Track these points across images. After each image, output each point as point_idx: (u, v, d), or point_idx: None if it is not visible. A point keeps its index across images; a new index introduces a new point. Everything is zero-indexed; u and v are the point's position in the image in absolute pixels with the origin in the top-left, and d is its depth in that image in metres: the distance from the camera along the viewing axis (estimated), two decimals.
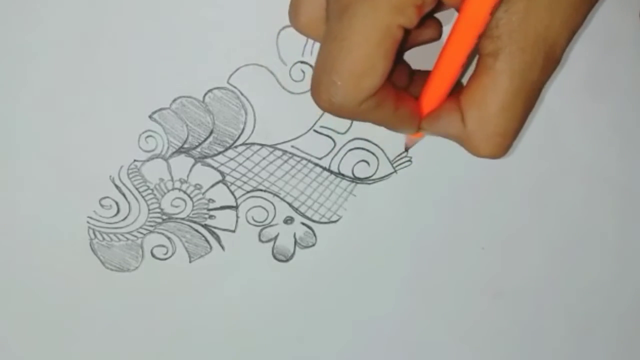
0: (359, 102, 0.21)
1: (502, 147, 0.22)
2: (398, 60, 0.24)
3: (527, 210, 0.33)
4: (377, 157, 0.31)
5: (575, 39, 0.30)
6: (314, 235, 0.32)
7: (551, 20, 0.20)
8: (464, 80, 0.23)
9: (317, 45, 0.29)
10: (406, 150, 0.31)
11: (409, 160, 0.32)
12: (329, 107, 0.21)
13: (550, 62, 0.21)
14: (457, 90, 0.23)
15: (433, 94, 0.23)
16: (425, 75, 0.24)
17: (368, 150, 0.31)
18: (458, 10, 0.21)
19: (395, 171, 0.32)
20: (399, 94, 0.23)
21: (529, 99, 0.22)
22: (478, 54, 0.22)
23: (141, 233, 0.31)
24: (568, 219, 0.33)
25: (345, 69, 0.20)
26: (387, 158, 0.31)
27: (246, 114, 0.30)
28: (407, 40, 0.24)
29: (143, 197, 0.30)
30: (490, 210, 0.32)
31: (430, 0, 0.19)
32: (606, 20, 0.31)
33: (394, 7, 0.19)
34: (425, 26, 0.24)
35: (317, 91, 0.21)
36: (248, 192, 0.31)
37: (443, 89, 0.23)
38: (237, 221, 0.31)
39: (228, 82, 0.30)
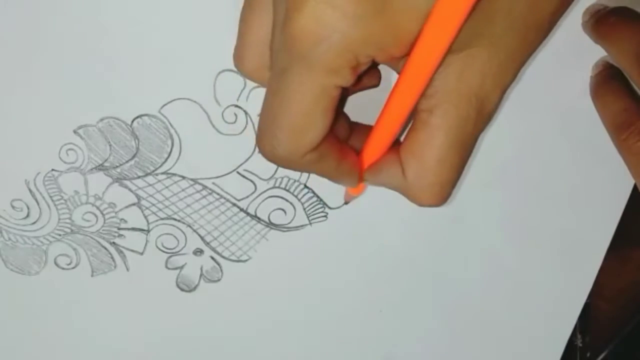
0: (300, 155, 0.22)
1: (441, 196, 0.24)
2: (339, 112, 0.24)
3: (429, 276, 0.34)
4: (294, 208, 0.32)
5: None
6: (221, 270, 0.33)
7: (483, 80, 0.21)
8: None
9: (253, 93, 0.30)
10: (346, 203, 0.32)
11: (325, 216, 0.32)
12: (272, 157, 0.22)
13: (482, 116, 0.22)
14: (396, 143, 0.24)
15: (374, 148, 0.24)
16: (366, 129, 0.25)
17: (286, 200, 0.32)
18: (397, 70, 0.22)
19: (310, 224, 0.32)
20: (341, 148, 0.24)
21: (464, 150, 0.23)
22: (415, 110, 0.23)
23: (47, 240, 0.31)
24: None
25: (285, 124, 0.21)
26: (304, 210, 0.32)
27: (172, 145, 0.30)
28: (346, 93, 0.25)
29: (55, 205, 0.31)
30: (394, 275, 0.34)
31: (365, 61, 0.20)
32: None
33: (329, 70, 0.20)
34: (365, 75, 0.24)
35: (262, 142, 0.22)
36: (162, 218, 0.31)
37: (384, 143, 0.24)
38: (146, 245, 0.32)
39: (159, 112, 0.30)
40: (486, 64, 0.21)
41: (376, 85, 0.26)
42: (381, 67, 0.25)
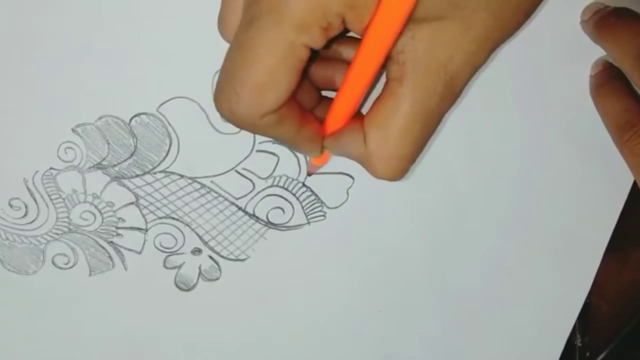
0: (259, 115, 0.21)
1: (398, 170, 0.23)
2: (304, 79, 0.24)
3: (429, 276, 0.34)
4: (293, 207, 0.32)
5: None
6: (219, 269, 0.32)
7: (453, 54, 0.21)
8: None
9: None
10: (309, 175, 0.31)
11: (323, 216, 0.32)
12: (229, 116, 0.21)
13: (449, 93, 0.22)
14: (359, 114, 0.24)
15: (337, 115, 0.24)
16: (331, 100, 0.25)
17: (285, 199, 0.32)
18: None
19: (308, 223, 0.32)
20: (303, 114, 0.23)
21: (427, 126, 0.22)
22: (386, 78, 0.22)
23: (45, 239, 0.31)
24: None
25: (248, 80, 0.20)
26: (303, 209, 0.32)
27: (170, 143, 0.30)
28: (314, 61, 0.24)
29: (54, 204, 0.30)
30: (393, 275, 0.33)
31: (336, 24, 0.20)
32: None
33: (298, 25, 0.19)
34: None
35: (219, 99, 0.21)
36: (160, 217, 0.31)
37: (347, 111, 0.24)
38: (144, 244, 0.32)
39: (157, 110, 0.30)
40: (458, 37, 0.21)
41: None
42: None
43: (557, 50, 0.31)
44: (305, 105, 0.25)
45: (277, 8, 0.19)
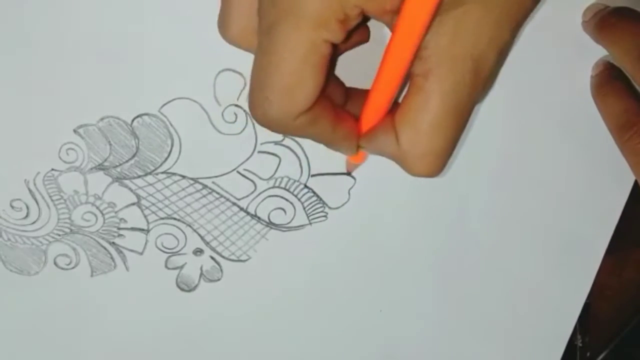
0: (293, 116, 0.21)
1: (435, 166, 0.23)
2: (330, 74, 0.24)
3: (429, 275, 0.34)
4: (294, 207, 0.32)
5: None
6: (221, 270, 0.32)
7: (478, 39, 0.21)
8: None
9: None
10: (348, 173, 0.31)
11: (325, 216, 0.32)
12: (264, 121, 0.21)
13: (479, 80, 0.21)
14: (395, 108, 0.23)
15: (371, 112, 0.24)
16: (363, 93, 0.24)
17: (286, 200, 0.32)
18: (389, 26, 0.21)
19: (310, 223, 0.32)
20: (337, 112, 0.23)
21: (459, 118, 0.22)
22: (410, 75, 0.22)
23: (47, 240, 0.31)
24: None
25: (275, 84, 0.20)
26: (304, 210, 0.32)
27: (172, 144, 0.30)
28: (337, 52, 0.24)
29: (55, 205, 0.30)
30: (394, 275, 0.34)
31: (354, 14, 0.20)
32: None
33: (317, 23, 0.19)
34: (354, 32, 0.24)
35: (253, 105, 0.21)
36: (161, 218, 0.31)
37: (381, 107, 0.23)
38: (145, 244, 0.32)
39: (159, 111, 0.30)
40: (480, 21, 0.20)
41: (365, 40, 0.25)
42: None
43: (559, 50, 0.31)
44: (335, 101, 0.25)
45: (294, 9, 0.19)
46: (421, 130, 0.22)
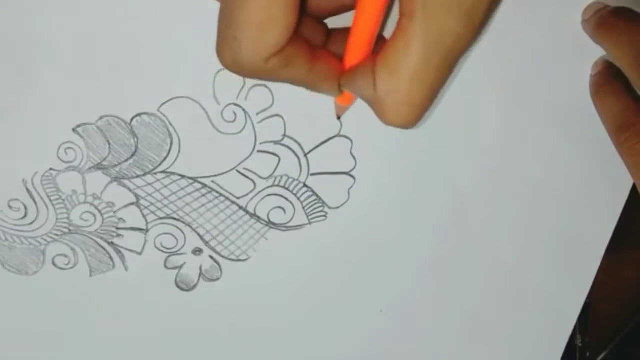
0: (264, 58, 0.20)
1: (410, 117, 0.21)
2: (304, 13, 0.22)
3: (429, 275, 0.34)
4: (294, 207, 0.32)
5: None
6: (220, 269, 0.32)
7: None
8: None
9: (252, 92, 0.30)
10: (338, 118, 0.29)
11: (324, 216, 0.32)
12: (233, 66, 0.20)
13: (466, 31, 0.19)
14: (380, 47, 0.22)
15: (353, 51, 0.22)
16: (345, 32, 0.23)
17: (286, 199, 0.32)
18: None
19: (310, 223, 0.32)
20: (314, 52, 0.22)
21: (443, 68, 0.20)
22: (399, 12, 0.20)
23: (45, 240, 0.31)
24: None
25: (244, 22, 0.19)
26: (304, 209, 0.32)
27: (171, 143, 0.30)
28: None
29: (53, 205, 0.30)
30: (394, 275, 0.33)
31: None
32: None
33: None
34: None
35: (221, 51, 0.20)
36: (160, 218, 0.31)
37: (362, 45, 0.22)
38: (144, 244, 0.31)
39: (158, 110, 0.30)
40: None
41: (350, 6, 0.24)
42: None
43: (558, 50, 0.31)
44: (314, 41, 0.23)
45: None
46: (399, 77, 0.20)
